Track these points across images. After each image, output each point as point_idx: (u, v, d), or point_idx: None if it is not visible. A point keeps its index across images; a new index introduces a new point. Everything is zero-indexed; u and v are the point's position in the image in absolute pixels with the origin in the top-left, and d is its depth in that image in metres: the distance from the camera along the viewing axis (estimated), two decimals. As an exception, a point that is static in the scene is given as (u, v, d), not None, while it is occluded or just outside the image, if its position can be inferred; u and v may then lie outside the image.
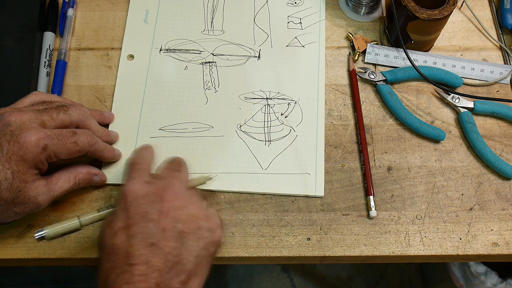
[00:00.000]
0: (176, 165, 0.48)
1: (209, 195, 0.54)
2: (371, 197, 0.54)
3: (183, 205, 0.43)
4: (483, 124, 0.59)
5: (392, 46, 0.62)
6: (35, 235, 0.45)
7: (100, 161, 0.54)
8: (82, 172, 0.51)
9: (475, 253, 0.53)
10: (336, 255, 0.52)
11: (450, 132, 0.58)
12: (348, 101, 0.60)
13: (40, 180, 0.47)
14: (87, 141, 0.49)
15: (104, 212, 0.47)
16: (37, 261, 0.52)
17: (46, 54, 0.60)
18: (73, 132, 0.48)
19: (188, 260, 0.41)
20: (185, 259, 0.40)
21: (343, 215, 0.54)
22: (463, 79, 0.61)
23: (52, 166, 0.48)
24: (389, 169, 0.56)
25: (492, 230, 0.54)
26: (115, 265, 0.39)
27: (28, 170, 0.45)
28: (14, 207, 0.45)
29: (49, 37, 0.61)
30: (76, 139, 0.48)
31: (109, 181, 0.54)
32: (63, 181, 0.49)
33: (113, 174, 0.55)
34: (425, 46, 0.62)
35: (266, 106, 0.59)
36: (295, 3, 0.65)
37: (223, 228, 0.45)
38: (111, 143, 0.56)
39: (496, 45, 0.64)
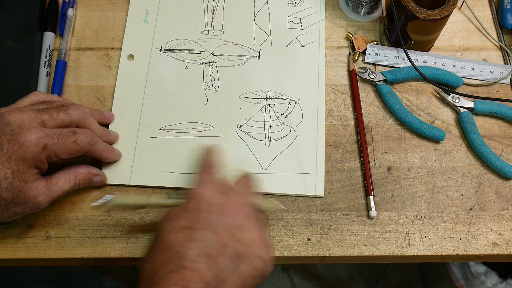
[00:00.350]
0: (251, 184, 0.47)
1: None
2: (371, 197, 0.54)
3: (250, 229, 0.42)
4: (483, 124, 0.59)
5: (392, 46, 0.62)
6: (99, 201, 0.43)
7: (100, 161, 0.54)
8: (82, 173, 0.51)
9: (475, 253, 0.53)
10: (336, 255, 0.52)
11: (450, 132, 0.58)
12: (348, 101, 0.60)
13: (40, 180, 0.47)
14: (87, 140, 0.49)
15: (173, 201, 0.46)
16: (37, 261, 0.52)
17: (46, 54, 0.60)
18: (73, 131, 0.48)
19: (235, 283, 0.40)
20: (232, 281, 0.40)
21: (343, 215, 0.54)
22: (463, 79, 0.61)
23: (52, 166, 0.48)
24: (389, 169, 0.56)
25: (492, 230, 0.54)
26: (168, 261, 0.39)
27: (28, 170, 0.45)
28: (14, 207, 0.45)
29: (49, 37, 0.61)
30: (76, 138, 0.48)
31: (109, 181, 0.54)
32: (63, 181, 0.49)
33: (113, 174, 0.55)
34: (425, 46, 0.62)
35: (266, 106, 0.59)
36: (295, 3, 0.65)
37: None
38: (111, 143, 0.56)
39: (496, 45, 0.64)
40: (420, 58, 0.61)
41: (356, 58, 0.62)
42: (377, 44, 0.62)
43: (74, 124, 0.49)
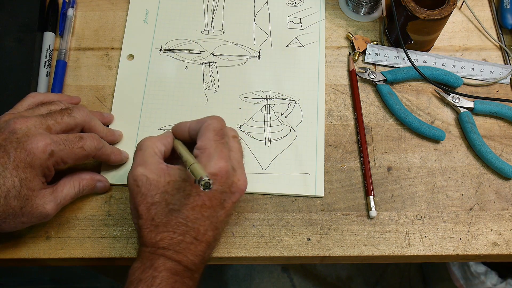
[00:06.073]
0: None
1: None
2: (371, 197, 0.54)
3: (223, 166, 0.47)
4: (483, 124, 0.59)
5: (392, 46, 0.62)
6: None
7: (99, 164, 0.54)
8: (85, 178, 0.51)
9: (475, 253, 0.53)
10: (336, 255, 0.52)
11: (450, 132, 0.58)
12: (348, 101, 0.60)
13: (47, 188, 0.47)
14: (94, 145, 0.49)
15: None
16: (37, 261, 0.52)
17: (46, 54, 0.60)
18: (80, 136, 0.48)
19: (224, 220, 0.48)
20: (223, 222, 0.48)
21: (343, 215, 0.54)
22: (463, 79, 0.61)
23: (56, 173, 0.48)
24: (389, 169, 0.56)
25: (492, 230, 0.54)
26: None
27: (35, 178, 0.44)
28: (22, 216, 0.45)
29: (49, 37, 0.61)
30: (83, 144, 0.47)
31: (109, 181, 0.54)
32: (68, 188, 0.49)
33: (113, 174, 0.54)
34: (425, 46, 0.62)
35: (266, 106, 0.59)
36: (295, 3, 0.65)
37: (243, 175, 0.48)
38: (115, 142, 0.56)
39: (496, 45, 0.64)
40: (420, 58, 0.61)
41: (356, 58, 0.62)
42: (377, 44, 0.62)
43: (79, 126, 0.49)
